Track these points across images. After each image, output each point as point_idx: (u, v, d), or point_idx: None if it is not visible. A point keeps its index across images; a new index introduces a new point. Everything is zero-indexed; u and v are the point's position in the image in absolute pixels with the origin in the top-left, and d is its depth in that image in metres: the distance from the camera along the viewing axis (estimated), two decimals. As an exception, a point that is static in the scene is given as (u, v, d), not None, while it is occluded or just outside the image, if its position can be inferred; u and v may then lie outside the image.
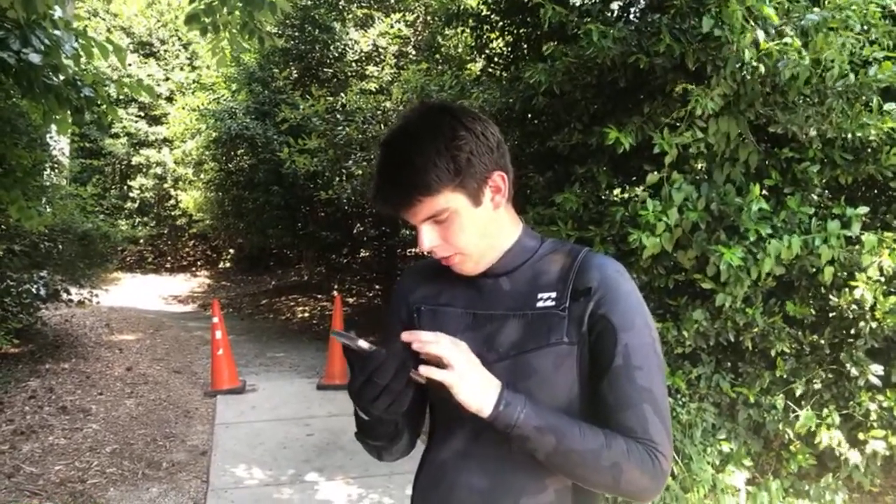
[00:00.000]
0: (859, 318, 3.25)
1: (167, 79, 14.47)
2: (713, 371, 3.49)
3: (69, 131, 3.98)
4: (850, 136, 3.03)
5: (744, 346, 3.38)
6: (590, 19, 3.33)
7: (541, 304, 1.12)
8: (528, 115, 4.27)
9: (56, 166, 6.98)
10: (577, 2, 3.96)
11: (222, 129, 8.66)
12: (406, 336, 1.02)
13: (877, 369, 3.24)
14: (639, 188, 3.78)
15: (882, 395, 3.25)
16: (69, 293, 7.13)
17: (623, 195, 3.85)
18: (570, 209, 3.42)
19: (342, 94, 7.62)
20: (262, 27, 3.70)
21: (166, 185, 14.44)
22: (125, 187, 14.89)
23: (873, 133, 2.96)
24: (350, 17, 9.18)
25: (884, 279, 3.16)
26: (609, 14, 4.01)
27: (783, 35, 2.90)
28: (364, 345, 1.01)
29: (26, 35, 3.07)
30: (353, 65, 9.04)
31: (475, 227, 1.11)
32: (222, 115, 8.77)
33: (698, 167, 3.34)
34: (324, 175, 7.35)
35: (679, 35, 3.07)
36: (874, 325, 3.19)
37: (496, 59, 5.33)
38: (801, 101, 3.11)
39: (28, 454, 4.21)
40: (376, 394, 1.00)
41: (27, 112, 4.68)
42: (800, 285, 3.43)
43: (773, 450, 3.62)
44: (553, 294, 1.12)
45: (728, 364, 3.60)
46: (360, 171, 6.48)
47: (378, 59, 8.85)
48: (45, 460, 4.14)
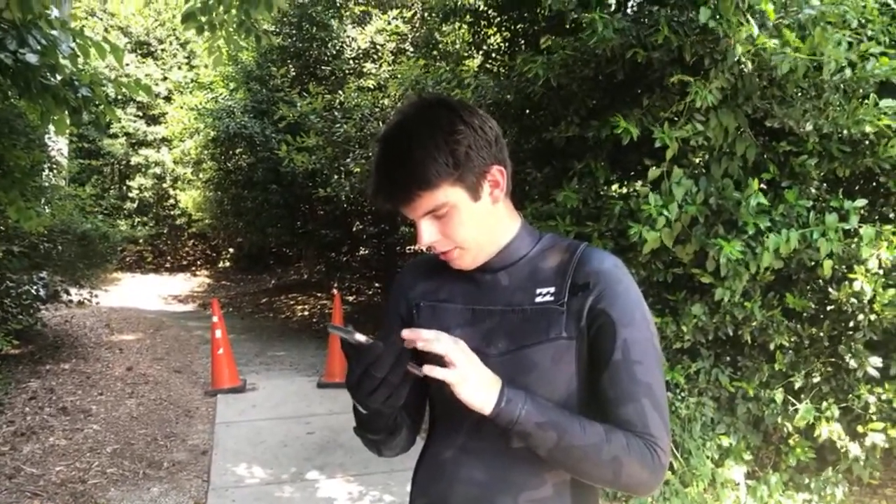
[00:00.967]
0: (858, 311, 3.25)
1: (165, 78, 14.44)
2: (712, 365, 3.49)
3: (67, 131, 3.98)
4: (846, 131, 3.03)
5: (743, 340, 3.38)
6: (589, 11, 3.32)
7: (539, 298, 1.12)
8: (526, 110, 4.27)
9: (54, 167, 6.96)
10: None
11: (220, 128, 8.65)
12: (407, 334, 1.02)
13: (875, 362, 3.25)
14: (637, 183, 3.78)
15: (881, 388, 3.25)
16: (69, 294, 7.13)
17: (621, 190, 3.85)
18: (569, 206, 3.42)
19: (340, 92, 7.61)
20: (258, 25, 3.70)
21: (165, 185, 14.43)
22: (124, 187, 14.87)
23: (869, 128, 2.96)
24: (347, 14, 9.16)
25: (882, 271, 3.17)
26: (608, 5, 4.00)
27: (780, 29, 2.90)
28: (360, 338, 1.01)
29: (23, 35, 3.06)
30: (351, 62, 9.02)
31: (474, 221, 1.11)
32: (220, 114, 8.76)
33: (696, 161, 3.34)
34: (322, 173, 7.34)
35: (677, 27, 3.07)
36: (873, 317, 3.20)
37: (494, 55, 5.32)
38: (799, 94, 3.11)
39: (29, 455, 4.21)
40: (374, 387, 1.00)
41: (25, 112, 4.67)
42: (798, 279, 3.43)
43: (773, 443, 3.63)
44: (552, 289, 1.12)
45: (727, 358, 3.61)
46: (358, 169, 6.48)
47: (376, 56, 8.84)
48: (45, 461, 4.15)
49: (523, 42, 4.87)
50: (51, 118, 3.44)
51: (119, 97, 12.92)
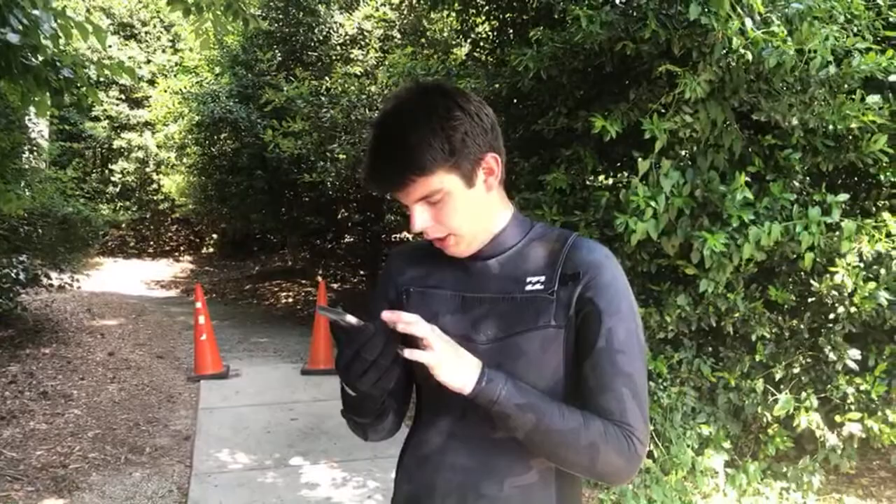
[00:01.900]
0: (838, 304, 3.30)
1: (149, 61, 14.25)
2: (694, 355, 3.54)
3: (48, 113, 3.92)
4: (831, 126, 3.06)
5: (725, 331, 3.43)
6: (576, 2, 3.32)
7: (529, 287, 1.12)
8: (514, 99, 4.27)
9: (35, 149, 6.87)
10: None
11: (205, 113, 8.56)
12: (387, 315, 1.02)
13: (854, 354, 3.30)
14: (624, 173, 3.80)
15: (859, 379, 3.31)
16: (49, 278, 7.05)
17: (608, 180, 3.87)
18: (555, 192, 3.43)
19: (327, 78, 7.55)
20: (246, 8, 3.65)
21: (148, 170, 14.25)
22: (106, 171, 14.69)
23: (854, 124, 2.99)
24: (335, -1, 9.08)
25: (863, 265, 3.21)
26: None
27: (769, 23, 2.91)
28: (352, 320, 1.01)
29: (4, 14, 3.00)
30: (338, 48, 8.94)
31: (468, 208, 1.11)
32: (205, 99, 8.66)
33: (683, 153, 3.37)
34: (308, 159, 7.29)
35: (665, 21, 3.08)
36: (853, 310, 3.25)
37: (482, 44, 5.31)
38: (785, 89, 3.13)
39: (9, 439, 4.17)
40: (364, 369, 1.00)
41: (5, 94, 4.59)
42: (781, 271, 3.47)
43: (752, 433, 3.68)
44: (542, 278, 1.12)
45: (709, 349, 3.65)
46: (344, 155, 6.44)
47: (363, 43, 8.77)
48: (26, 445, 4.11)
49: (511, 31, 4.86)
50: (32, 100, 3.38)
51: (101, 79, 12.76)
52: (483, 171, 1.11)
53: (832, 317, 3.36)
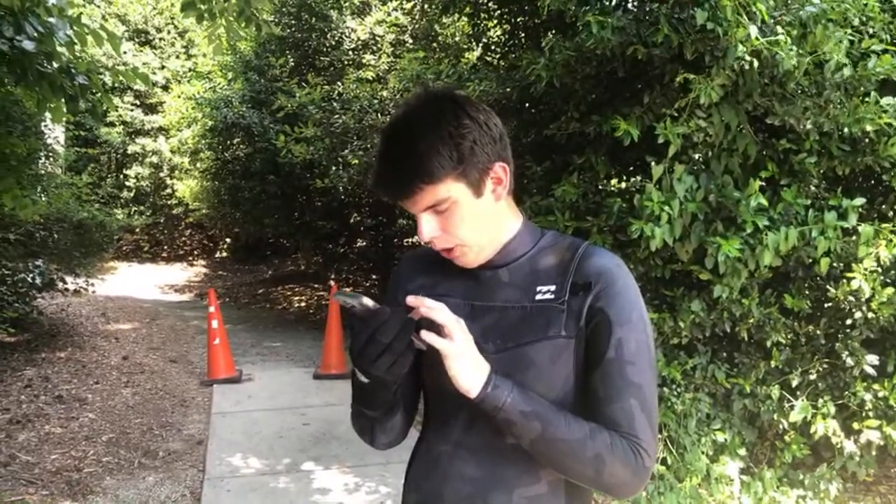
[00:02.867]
0: (855, 309, 3.26)
1: (163, 67, 14.37)
2: (709, 361, 3.50)
3: (64, 119, 3.95)
4: (846, 129, 3.02)
5: (739, 337, 3.39)
6: (588, 7, 3.30)
7: (540, 296, 1.11)
8: (526, 104, 4.25)
9: (51, 155, 6.94)
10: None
11: (218, 118, 8.62)
12: (411, 300, 1.02)
13: (872, 359, 3.26)
14: (636, 178, 3.78)
15: (877, 385, 3.26)
16: (65, 282, 7.12)
17: (620, 185, 3.84)
18: (568, 200, 3.42)
19: (339, 83, 7.58)
20: (258, 14, 3.67)
21: (162, 174, 14.37)
22: (121, 176, 14.82)
23: (870, 127, 2.96)
24: (347, 4, 9.11)
25: (881, 269, 3.17)
26: (608, 2, 3.98)
27: (780, 24, 2.88)
28: (368, 302, 1.01)
29: (20, 22, 3.03)
30: (350, 53, 8.98)
31: (476, 218, 1.10)
32: (218, 104, 8.72)
33: (696, 158, 3.34)
34: (320, 164, 7.32)
35: (677, 25, 3.05)
36: (870, 315, 3.21)
37: (493, 48, 5.30)
38: (800, 92, 3.10)
39: (24, 443, 4.21)
40: (378, 352, 0.99)
41: (21, 100, 4.65)
42: (796, 276, 3.43)
43: (768, 440, 3.64)
44: (552, 287, 1.11)
45: (724, 354, 3.61)
46: (356, 161, 6.46)
47: (375, 48, 8.80)
48: (40, 449, 4.15)
49: (523, 35, 4.85)
50: (47, 106, 3.42)
51: (116, 85, 12.86)
52: (491, 180, 1.11)
53: (849, 322, 3.32)
